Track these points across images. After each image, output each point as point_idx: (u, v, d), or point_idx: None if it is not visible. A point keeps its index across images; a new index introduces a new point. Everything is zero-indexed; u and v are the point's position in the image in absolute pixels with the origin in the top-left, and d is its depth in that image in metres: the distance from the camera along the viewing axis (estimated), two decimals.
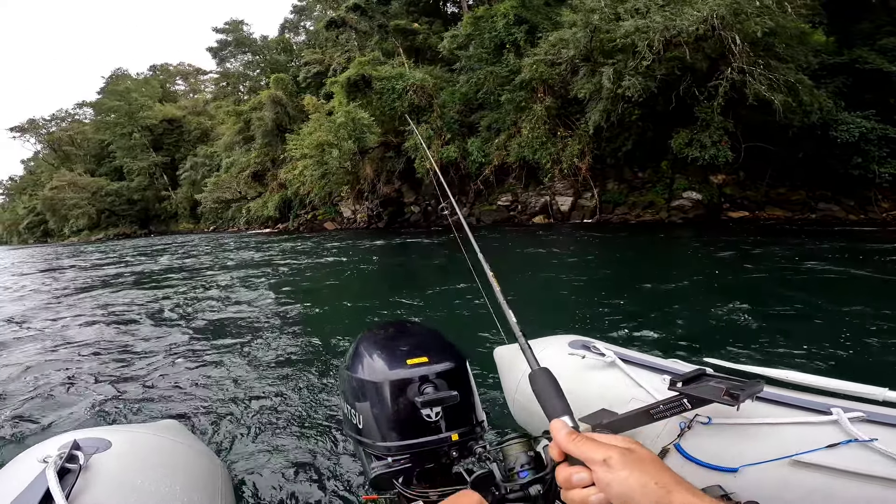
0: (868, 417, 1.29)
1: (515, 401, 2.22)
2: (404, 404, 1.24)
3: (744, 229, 11.40)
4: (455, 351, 1.43)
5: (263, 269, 10.71)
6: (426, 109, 19.44)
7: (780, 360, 3.21)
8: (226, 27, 42.13)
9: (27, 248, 44.09)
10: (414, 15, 28.44)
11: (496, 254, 9.89)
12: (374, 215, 23.43)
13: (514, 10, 16.38)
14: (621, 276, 6.87)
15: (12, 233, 64.77)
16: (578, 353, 1.99)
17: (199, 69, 55.22)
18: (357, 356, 1.39)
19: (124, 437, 1.44)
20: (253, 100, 29.08)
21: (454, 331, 2.72)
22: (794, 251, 7.39)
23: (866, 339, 3.50)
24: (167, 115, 44.71)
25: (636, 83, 10.66)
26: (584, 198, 16.95)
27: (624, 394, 1.67)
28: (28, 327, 6.25)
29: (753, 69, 10.01)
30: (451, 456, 1.23)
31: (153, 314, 6.62)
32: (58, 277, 12.21)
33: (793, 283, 5.48)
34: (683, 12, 9.92)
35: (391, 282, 8.70)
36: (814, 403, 1.39)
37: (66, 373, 4.19)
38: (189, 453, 1.56)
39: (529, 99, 15.70)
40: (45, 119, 52.62)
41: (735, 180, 15.59)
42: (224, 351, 4.55)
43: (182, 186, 43.06)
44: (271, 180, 29.05)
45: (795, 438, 1.31)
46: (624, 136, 14.49)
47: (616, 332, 4.00)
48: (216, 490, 1.51)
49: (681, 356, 1.99)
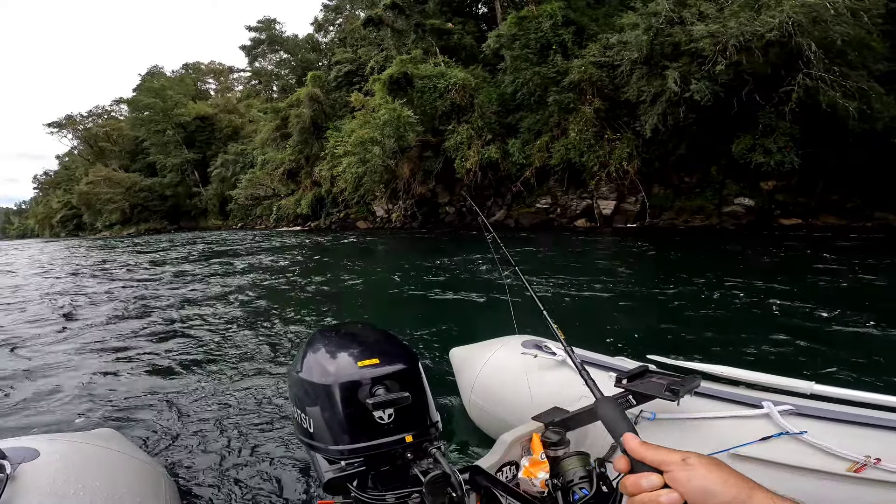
0: (797, 410, 1.34)
1: (471, 401, 2.23)
2: (355, 406, 1.21)
3: (804, 237, 11.11)
4: (407, 352, 1.42)
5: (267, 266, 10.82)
6: (467, 109, 19.41)
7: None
8: (259, 25, 42.76)
9: (59, 241, 45.38)
10: (447, 15, 28.45)
11: (541, 260, 9.77)
12: (409, 215, 23.50)
13: (562, 11, 16.26)
14: (688, 291, 6.11)
15: (45, 226, 66.83)
16: (531, 353, 2.01)
17: (230, 67, 56.18)
18: (306, 358, 1.36)
19: (54, 446, 1.37)
20: (291, 97, 29.38)
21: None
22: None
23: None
24: (200, 112, 45.52)
25: (703, 87, 10.50)
26: (628, 202, 16.74)
27: (574, 391, 1.68)
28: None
29: (825, 76, 9.77)
30: (406, 458, 1.21)
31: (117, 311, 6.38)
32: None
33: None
34: (758, 18, 9.72)
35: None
36: (747, 397, 1.44)
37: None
38: (128, 462, 1.49)
39: (577, 101, 15.57)
40: (83, 115, 54.11)
41: (786, 186, 15.23)
42: (170, 354, 4.35)
43: (212, 183, 43.81)
44: (305, 178, 29.36)
45: (732, 432, 1.35)
46: (674, 140, 14.27)
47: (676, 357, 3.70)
48: (160, 500, 1.45)
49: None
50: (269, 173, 32.35)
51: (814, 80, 9.95)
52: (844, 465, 1.19)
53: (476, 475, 1.16)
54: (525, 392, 1.92)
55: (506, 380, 2.06)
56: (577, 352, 1.91)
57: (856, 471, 1.17)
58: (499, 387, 2.08)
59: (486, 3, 31.05)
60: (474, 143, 18.71)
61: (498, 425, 1.94)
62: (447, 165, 20.22)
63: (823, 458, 1.22)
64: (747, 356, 3.48)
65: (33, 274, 12.81)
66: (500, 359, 2.15)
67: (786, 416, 1.33)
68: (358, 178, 20.87)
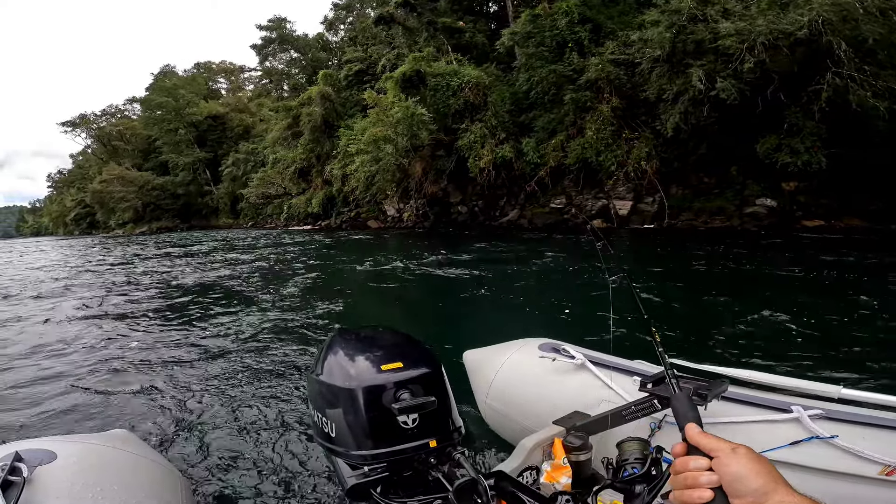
0: (827, 415, 1.34)
1: (487, 405, 2.18)
2: (379, 411, 1.18)
3: (827, 239, 10.83)
4: (430, 355, 1.38)
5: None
6: (480, 108, 19.26)
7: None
8: (269, 24, 42.83)
9: (75, 238, 45.95)
10: (458, 13, 28.29)
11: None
12: (421, 214, 23.40)
13: (578, 9, 16.03)
14: (710, 294, 5.84)
15: (58, 224, 67.76)
16: (549, 356, 1.98)
17: (241, 67, 56.46)
18: (327, 361, 1.33)
19: (70, 448, 1.35)
20: (302, 95, 29.40)
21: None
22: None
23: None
24: (211, 111, 45.79)
25: (729, 85, 10.27)
26: (645, 202, 16.48)
27: (595, 395, 1.69)
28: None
29: (855, 75, 9.50)
30: (430, 463, 1.19)
31: (122, 312, 6.30)
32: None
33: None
34: (786, 16, 9.48)
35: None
36: (776, 402, 1.44)
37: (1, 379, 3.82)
38: (143, 464, 1.48)
39: (594, 99, 15.35)
40: (97, 114, 54.71)
41: (808, 187, 14.91)
42: (184, 355, 4.28)
43: (223, 182, 44.08)
44: (316, 177, 29.38)
45: (761, 436, 1.35)
46: (694, 140, 14.01)
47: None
48: (177, 502, 1.43)
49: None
50: (280, 172, 32.44)
51: (843, 79, 9.69)
52: (876, 469, 1.19)
53: (501, 480, 1.15)
54: (544, 396, 1.91)
55: (524, 383, 2.04)
56: (597, 355, 1.93)
57: (888, 474, 1.17)
58: (517, 390, 2.06)
59: (497, 2, 30.85)
60: (488, 141, 18.54)
61: (516, 430, 1.94)
62: (460, 164, 20.09)
63: (855, 462, 1.22)
64: (774, 361, 3.41)
65: (42, 271, 12.87)
66: (518, 362, 2.12)
67: (816, 420, 1.33)
68: (370, 176, 20.80)
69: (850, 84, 9.57)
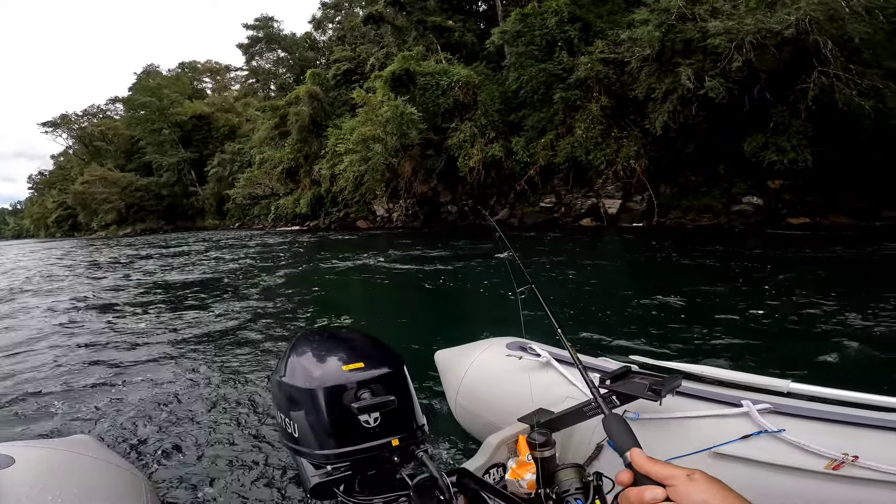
0: (775, 409, 1.35)
1: (458, 404, 2.21)
2: (341, 411, 1.19)
3: (811, 236, 10.94)
4: (392, 355, 1.40)
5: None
6: (470, 107, 19.18)
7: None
8: (256, 23, 42.36)
9: (56, 241, 44.94)
10: (447, 12, 28.22)
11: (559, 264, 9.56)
12: (410, 214, 23.25)
13: (568, 8, 16.04)
14: (687, 290, 5.66)
15: (40, 226, 66.25)
16: (515, 355, 2.01)
17: (227, 66, 55.70)
18: (290, 362, 1.33)
19: (29, 453, 1.33)
20: (290, 94, 29.05)
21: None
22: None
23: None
24: (196, 111, 45.09)
25: (717, 84, 10.32)
26: (634, 200, 16.55)
27: (559, 392, 1.72)
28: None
29: (841, 73, 9.61)
30: (394, 461, 1.20)
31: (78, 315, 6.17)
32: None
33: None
34: (774, 15, 9.56)
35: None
36: (726, 396, 1.46)
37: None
38: (106, 469, 1.46)
39: (584, 98, 15.36)
40: (78, 114, 53.55)
41: (794, 185, 15.10)
42: (149, 358, 4.22)
43: (209, 183, 43.40)
44: (304, 177, 29.06)
45: (713, 431, 1.37)
46: (683, 138, 14.09)
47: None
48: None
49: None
50: (267, 172, 32.03)
51: (829, 77, 9.80)
52: (823, 463, 1.19)
53: (463, 478, 1.15)
54: (511, 393, 1.94)
55: (491, 382, 2.08)
56: (562, 353, 1.94)
57: (834, 468, 1.17)
58: (484, 389, 2.10)
59: (487, 1, 30.83)
60: (477, 141, 18.48)
61: (484, 427, 1.96)
62: (449, 164, 20.00)
63: (802, 456, 1.23)
64: (734, 356, 3.49)
65: (15, 274, 12.50)
66: (485, 361, 2.16)
67: (764, 414, 1.34)
68: (359, 176, 20.61)
69: (836, 83, 9.70)
